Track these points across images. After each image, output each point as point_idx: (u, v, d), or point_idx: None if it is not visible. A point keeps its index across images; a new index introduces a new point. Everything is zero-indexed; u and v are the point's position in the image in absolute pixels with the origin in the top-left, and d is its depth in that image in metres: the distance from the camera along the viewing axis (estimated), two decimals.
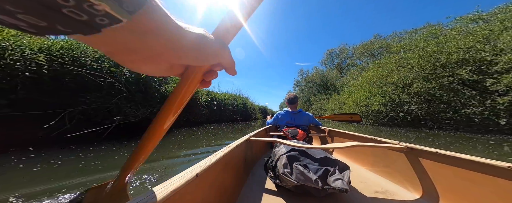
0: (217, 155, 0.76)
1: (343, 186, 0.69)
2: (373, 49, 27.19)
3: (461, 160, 0.79)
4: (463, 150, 2.97)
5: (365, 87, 11.30)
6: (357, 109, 11.34)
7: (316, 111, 27.54)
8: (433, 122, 7.81)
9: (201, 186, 0.59)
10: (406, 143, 1.09)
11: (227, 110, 9.75)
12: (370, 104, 10.06)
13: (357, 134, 1.66)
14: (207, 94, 8.55)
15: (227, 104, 10.04)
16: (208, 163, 0.64)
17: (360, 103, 10.91)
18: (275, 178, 0.99)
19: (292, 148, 1.01)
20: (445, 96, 7.34)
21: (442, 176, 0.87)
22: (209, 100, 8.12)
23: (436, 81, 7.52)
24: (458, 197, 0.78)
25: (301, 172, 0.81)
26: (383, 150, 1.25)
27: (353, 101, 11.59)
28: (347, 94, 14.30)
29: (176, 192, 0.42)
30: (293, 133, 1.79)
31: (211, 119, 8.35)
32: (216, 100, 9.00)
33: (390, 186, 1.07)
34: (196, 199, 0.55)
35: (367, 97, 10.67)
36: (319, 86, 35.56)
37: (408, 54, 8.76)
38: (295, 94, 2.29)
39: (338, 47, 36.34)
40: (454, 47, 6.98)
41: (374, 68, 11.06)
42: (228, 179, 0.88)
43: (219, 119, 9.09)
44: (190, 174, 0.51)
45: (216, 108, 8.49)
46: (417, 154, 1.00)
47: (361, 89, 11.77)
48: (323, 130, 2.34)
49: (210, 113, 8.28)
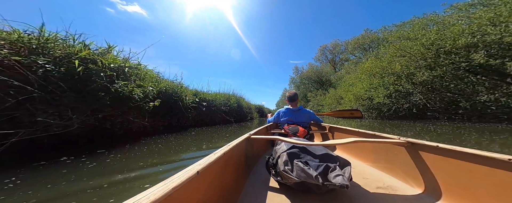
0: (218, 153, 0.77)
1: (343, 182, 0.68)
2: (365, 43, 27.34)
3: (462, 153, 0.78)
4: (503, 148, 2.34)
5: (365, 79, 10.74)
6: (357, 103, 10.76)
7: (314, 108, 27.12)
8: (441, 113, 7.28)
9: (202, 184, 0.60)
10: (406, 137, 1.07)
11: (219, 111, 8.94)
12: (373, 96, 9.47)
13: (358, 130, 1.63)
14: (195, 95, 7.71)
15: (219, 104, 9.22)
16: (209, 161, 0.65)
17: (361, 96, 10.32)
18: (276, 176, 0.99)
19: (293, 145, 1.00)
20: (452, 85, 6.81)
21: (443, 169, 0.85)
22: (197, 101, 7.28)
23: (442, 68, 6.99)
24: (460, 191, 0.78)
25: (302, 169, 0.80)
26: (384, 146, 1.24)
27: (353, 95, 10.99)
28: (345, 88, 13.72)
29: (178, 189, 0.43)
30: (294, 130, 1.77)
31: (200, 122, 7.53)
32: (206, 100, 8.18)
33: (392, 182, 1.06)
34: (197, 196, 0.55)
35: (367, 90, 10.10)
36: (314, 82, 35.26)
37: (408, 42, 8.21)
38: (295, 91, 2.24)
39: (331, 42, 36.18)
40: (458, 31, 6.45)
41: (373, 59, 10.51)
42: (229, 176, 0.89)
43: (210, 121, 8.27)
44: (191, 171, 0.52)
45: (205, 109, 7.66)
46: (418, 148, 0.99)
47: (360, 81, 11.20)
48: (324, 126, 2.30)
49: (200, 115, 7.46)
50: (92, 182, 1.50)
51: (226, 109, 9.55)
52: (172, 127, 5.34)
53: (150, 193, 0.37)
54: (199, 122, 7.44)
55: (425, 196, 0.87)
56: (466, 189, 0.76)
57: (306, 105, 31.88)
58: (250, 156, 1.32)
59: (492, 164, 0.68)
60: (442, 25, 7.34)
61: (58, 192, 1.32)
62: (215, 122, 8.63)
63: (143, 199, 0.35)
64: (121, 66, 3.52)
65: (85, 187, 1.41)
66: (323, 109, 21.96)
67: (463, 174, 0.77)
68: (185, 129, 5.67)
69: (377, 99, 9.05)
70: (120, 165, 1.99)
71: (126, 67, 3.61)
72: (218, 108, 8.95)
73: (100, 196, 1.26)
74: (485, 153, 0.70)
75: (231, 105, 10.19)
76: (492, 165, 0.68)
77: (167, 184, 0.42)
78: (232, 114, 10.08)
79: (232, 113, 10.11)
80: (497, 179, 0.66)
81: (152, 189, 0.39)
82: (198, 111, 7.29)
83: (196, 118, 7.19)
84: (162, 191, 0.38)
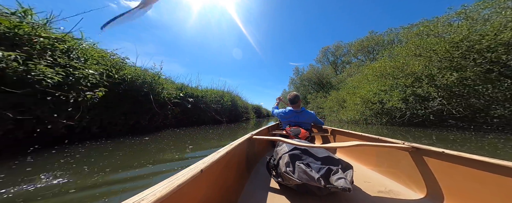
0: (220, 152, 0.77)
1: (346, 185, 0.67)
2: (369, 46, 26.60)
3: (467, 159, 0.77)
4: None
5: (374, 80, 9.65)
6: (365, 107, 9.66)
7: (313, 110, 26.11)
8: (466, 121, 6.22)
9: (206, 182, 0.60)
10: (411, 142, 1.05)
11: (208, 109, 7.76)
12: (385, 100, 8.37)
13: (360, 134, 1.64)
14: (180, 89, 6.52)
15: (209, 101, 8.05)
16: (212, 159, 0.65)
17: (370, 99, 9.22)
18: (277, 177, 0.99)
19: (295, 147, 1.00)
20: (486, 88, 5.74)
21: (447, 175, 0.85)
22: (181, 97, 6.08)
23: (472, 70, 5.93)
24: (464, 197, 0.77)
25: (304, 171, 0.80)
26: (387, 150, 1.23)
27: (360, 98, 9.88)
28: (349, 91, 12.64)
29: (182, 187, 0.43)
30: (296, 132, 1.74)
31: (185, 121, 6.35)
32: (193, 96, 7.00)
33: (394, 186, 1.06)
34: (200, 194, 0.56)
35: (376, 93, 9.01)
36: (315, 84, 34.30)
37: (431, 39, 7.14)
38: (296, 93, 2.14)
39: (333, 44, 35.34)
40: (497, 25, 5.40)
41: (385, 58, 9.44)
42: (231, 176, 0.90)
43: (198, 120, 7.10)
44: (195, 169, 0.53)
45: (191, 106, 6.47)
46: (422, 154, 0.98)
47: (368, 83, 10.11)
48: (325, 129, 2.31)
49: (184, 113, 6.27)
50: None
51: (218, 107, 8.37)
52: (140, 128, 4.13)
53: (156, 190, 0.38)
54: (183, 121, 6.26)
55: (428, 201, 0.87)
56: (470, 196, 0.74)
57: (306, 107, 30.98)
58: (251, 156, 1.34)
59: (499, 171, 0.67)
60: (472, 20, 6.30)
61: None
62: (205, 122, 7.45)
63: (149, 195, 0.35)
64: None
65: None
66: (323, 112, 20.93)
67: (468, 181, 0.76)
68: (157, 130, 4.46)
69: (390, 103, 7.97)
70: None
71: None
72: (208, 106, 7.78)
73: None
74: (490, 160, 0.69)
75: (224, 103, 9.02)
76: (499, 172, 0.66)
77: (172, 181, 0.43)
78: (224, 113, 8.91)
79: (224, 112, 8.94)
80: (504, 186, 0.65)
81: (158, 186, 0.40)
82: (182, 108, 6.10)
83: (179, 117, 6.00)
84: (168, 188, 0.39)
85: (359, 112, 10.09)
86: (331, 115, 16.51)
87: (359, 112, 10.04)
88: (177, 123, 5.95)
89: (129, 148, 2.52)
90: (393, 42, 23.67)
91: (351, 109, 11.03)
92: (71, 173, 1.52)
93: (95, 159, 1.93)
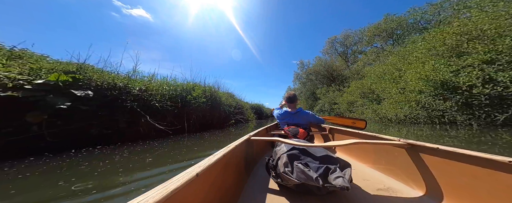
0: (217, 155, 0.76)
1: (344, 183, 0.67)
2: (388, 29, 22.15)
3: (462, 155, 0.78)
4: None
5: (419, 63, 5.86)
6: (432, 96, 5.84)
7: (325, 107, 22.17)
8: None
9: (202, 186, 0.59)
10: (406, 139, 1.06)
11: (157, 111, 4.29)
12: (463, 83, 4.59)
13: (358, 132, 1.64)
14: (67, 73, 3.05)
15: (159, 98, 4.59)
16: (208, 163, 0.64)
17: (447, 80, 5.35)
18: (276, 177, 0.99)
19: (293, 147, 1.00)
20: None
21: (444, 172, 0.85)
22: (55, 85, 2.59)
23: None
24: (461, 193, 0.77)
25: (302, 171, 0.80)
26: (385, 147, 1.24)
27: (425, 81, 6.01)
28: (373, 80, 8.79)
29: (177, 192, 0.42)
30: (294, 132, 1.77)
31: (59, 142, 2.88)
32: (108, 87, 3.54)
33: (392, 183, 1.06)
34: (197, 199, 0.54)
35: (457, 71, 5.21)
36: (323, 77, 30.13)
37: None
38: (294, 92, 2.16)
39: (341, 34, 31.07)
40: None
41: (435, 33, 5.64)
42: (229, 178, 0.89)
43: (104, 134, 3.65)
44: (190, 174, 0.51)
45: (93, 106, 2.99)
46: (418, 150, 0.99)
47: (420, 65, 6.26)
48: (324, 128, 2.33)
49: (86, 118, 2.81)
50: None
51: (170, 107, 4.85)
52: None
53: (149, 196, 0.37)
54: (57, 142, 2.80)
55: (427, 198, 0.87)
56: (467, 191, 0.75)
57: (315, 104, 27.09)
58: (250, 157, 1.34)
59: (492, 166, 0.68)
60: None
61: None
62: (126, 135, 3.98)
63: (141, 202, 0.35)
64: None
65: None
66: (338, 107, 17.09)
67: (464, 176, 0.77)
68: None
69: (477, 89, 4.22)
70: None
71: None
72: (152, 106, 4.29)
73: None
74: (485, 155, 0.70)
75: (189, 99, 5.52)
76: (493, 167, 0.68)
77: (166, 187, 0.42)
78: (194, 114, 5.41)
79: (193, 113, 5.44)
80: (498, 181, 0.66)
81: (151, 192, 0.39)
82: (60, 111, 2.63)
83: (48, 131, 2.56)
84: (161, 193, 0.38)
85: (419, 104, 6.22)
86: (356, 110, 12.43)
87: (421, 104, 6.18)
88: (53, 143, 2.50)
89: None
90: (419, 23, 19.60)
91: (390, 103, 7.22)
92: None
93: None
